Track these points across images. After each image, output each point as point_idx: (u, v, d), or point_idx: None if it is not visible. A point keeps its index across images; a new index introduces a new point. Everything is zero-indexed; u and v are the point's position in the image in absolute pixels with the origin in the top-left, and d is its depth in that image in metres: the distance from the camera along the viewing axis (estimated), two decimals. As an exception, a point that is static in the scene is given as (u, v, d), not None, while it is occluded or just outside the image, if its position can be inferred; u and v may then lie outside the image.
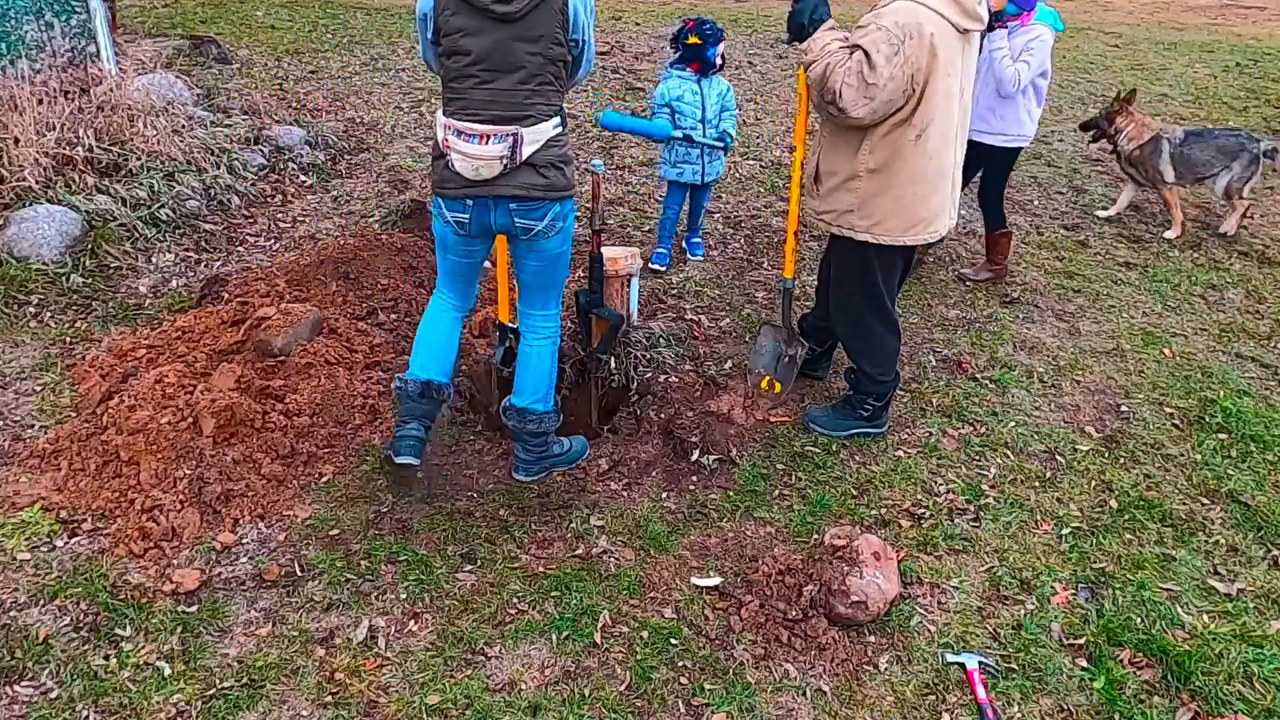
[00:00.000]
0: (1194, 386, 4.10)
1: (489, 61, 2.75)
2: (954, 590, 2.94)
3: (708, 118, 4.59)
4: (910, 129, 3.05)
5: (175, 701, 2.43)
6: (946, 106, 3.06)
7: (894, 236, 3.22)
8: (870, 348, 3.51)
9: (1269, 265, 5.40)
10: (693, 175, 4.70)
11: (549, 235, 2.99)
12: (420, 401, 3.11)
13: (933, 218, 3.24)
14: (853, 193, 3.20)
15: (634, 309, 4.05)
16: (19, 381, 3.64)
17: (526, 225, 2.94)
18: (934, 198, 3.21)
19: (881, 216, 3.19)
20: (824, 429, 3.63)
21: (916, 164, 3.11)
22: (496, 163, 2.79)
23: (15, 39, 5.40)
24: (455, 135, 2.78)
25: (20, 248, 4.28)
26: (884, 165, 3.12)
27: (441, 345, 3.19)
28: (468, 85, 2.78)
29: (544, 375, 3.24)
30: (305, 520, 3.07)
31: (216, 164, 5.28)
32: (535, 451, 3.29)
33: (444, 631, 2.70)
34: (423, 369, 3.15)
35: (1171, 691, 2.62)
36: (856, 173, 3.17)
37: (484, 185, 2.85)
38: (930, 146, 3.09)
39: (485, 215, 2.92)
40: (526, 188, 2.86)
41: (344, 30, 8.93)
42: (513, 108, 2.79)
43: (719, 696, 2.54)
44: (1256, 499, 3.38)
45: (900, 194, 3.15)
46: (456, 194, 2.89)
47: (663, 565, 2.99)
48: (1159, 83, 9.04)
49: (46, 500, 3.03)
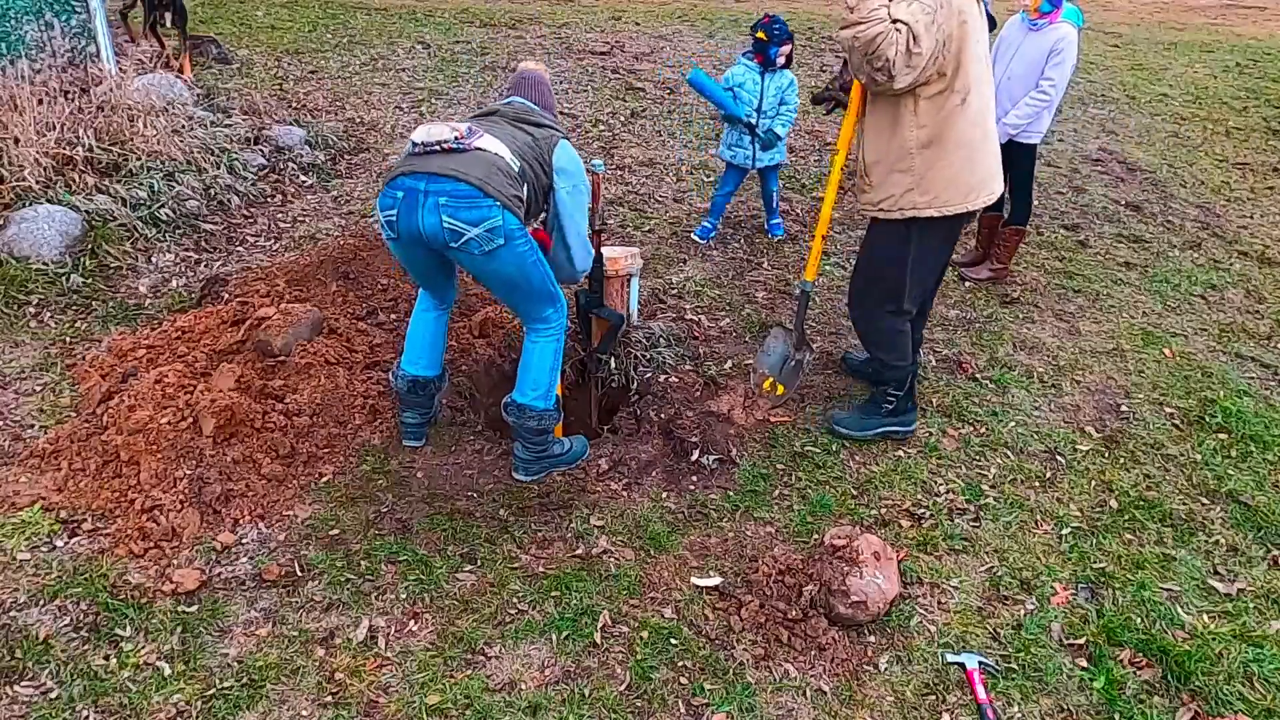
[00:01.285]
0: (1194, 386, 4.10)
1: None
2: (954, 590, 2.94)
3: (763, 109, 4.91)
4: (954, 95, 3.08)
5: (175, 701, 2.43)
6: (980, 70, 3.11)
7: (955, 205, 3.22)
8: (884, 336, 3.50)
9: (1269, 265, 5.40)
10: (744, 159, 5.01)
11: (488, 251, 2.84)
12: (410, 394, 3.35)
13: (988, 178, 3.27)
14: (907, 173, 3.19)
15: (634, 309, 4.05)
16: (19, 381, 3.64)
17: (456, 228, 2.78)
18: (986, 160, 3.24)
19: (940, 188, 3.19)
20: (850, 430, 3.59)
21: (964, 129, 3.14)
22: (447, 130, 2.81)
23: (15, 39, 5.40)
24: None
25: (20, 248, 4.27)
26: (936, 136, 3.13)
27: (426, 342, 3.35)
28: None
29: (545, 372, 3.24)
30: (305, 520, 3.07)
31: (216, 164, 5.27)
32: (535, 450, 3.28)
33: (444, 631, 2.70)
34: (411, 364, 3.35)
35: (1171, 691, 2.62)
36: (908, 151, 3.17)
37: (422, 160, 2.83)
38: (974, 110, 3.13)
39: (412, 213, 2.81)
40: (461, 173, 2.76)
41: (344, 30, 8.93)
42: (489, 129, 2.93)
43: (719, 696, 2.54)
44: (1256, 499, 3.38)
45: (952, 160, 3.16)
46: (392, 175, 2.87)
47: (663, 565, 2.99)
48: (1159, 83, 9.04)
49: (46, 500, 3.03)
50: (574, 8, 10.66)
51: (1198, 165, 6.98)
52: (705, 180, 6.05)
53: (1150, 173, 6.72)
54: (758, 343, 4.19)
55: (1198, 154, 7.24)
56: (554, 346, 3.25)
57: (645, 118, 7.11)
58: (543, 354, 3.23)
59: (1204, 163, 7.05)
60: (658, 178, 6.06)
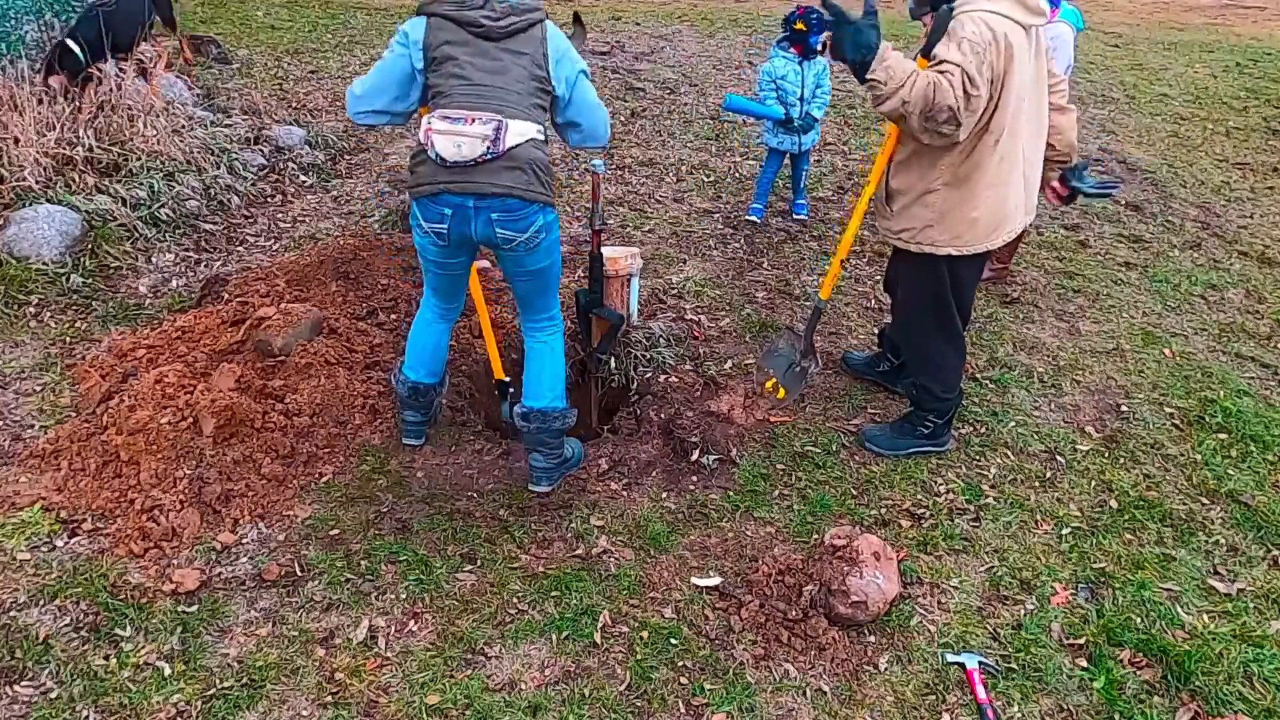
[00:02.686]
0: (1194, 386, 4.10)
1: (476, 64, 2.79)
2: (954, 590, 2.94)
3: (805, 97, 5.14)
4: (989, 135, 2.96)
5: (175, 701, 2.43)
6: (1017, 108, 2.98)
7: (978, 245, 3.13)
8: (934, 364, 3.42)
9: (1269, 265, 5.40)
10: (791, 145, 5.29)
11: (532, 248, 2.93)
12: (410, 398, 3.35)
13: (1011, 215, 3.15)
14: (929, 208, 3.11)
15: (634, 309, 4.05)
16: (19, 381, 3.64)
17: (508, 236, 2.86)
18: (1011, 198, 3.12)
19: (963, 229, 3.10)
20: (881, 449, 3.54)
21: (993, 169, 3.03)
22: (479, 143, 2.72)
23: (15, 39, 5.40)
24: (439, 119, 2.74)
25: (20, 248, 4.27)
26: (964, 177, 3.03)
27: (429, 351, 3.32)
28: (452, 84, 2.78)
29: (560, 371, 3.23)
30: (305, 520, 3.07)
31: (216, 164, 5.27)
32: (554, 458, 3.22)
33: (444, 631, 2.70)
34: (412, 370, 3.33)
35: (1171, 691, 2.62)
36: (931, 188, 3.08)
37: (463, 174, 2.75)
38: (1003, 147, 3.01)
39: (465, 225, 2.84)
40: (507, 188, 2.78)
41: (344, 30, 8.93)
42: (499, 100, 2.78)
43: (719, 696, 2.54)
44: (1256, 499, 3.38)
45: (978, 203, 3.06)
46: (434, 190, 2.79)
47: (663, 565, 2.99)
48: (1159, 83, 9.04)
49: (46, 500, 3.03)
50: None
51: (1198, 165, 6.98)
52: (705, 180, 6.06)
53: (1150, 173, 6.72)
54: (758, 343, 4.20)
55: (1198, 154, 7.24)
56: (560, 341, 3.25)
57: (645, 118, 7.11)
58: (555, 352, 3.22)
59: (1204, 163, 7.05)
60: (658, 178, 6.06)
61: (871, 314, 4.57)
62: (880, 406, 3.85)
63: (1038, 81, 3.09)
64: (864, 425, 3.70)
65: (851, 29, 2.83)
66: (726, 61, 8.74)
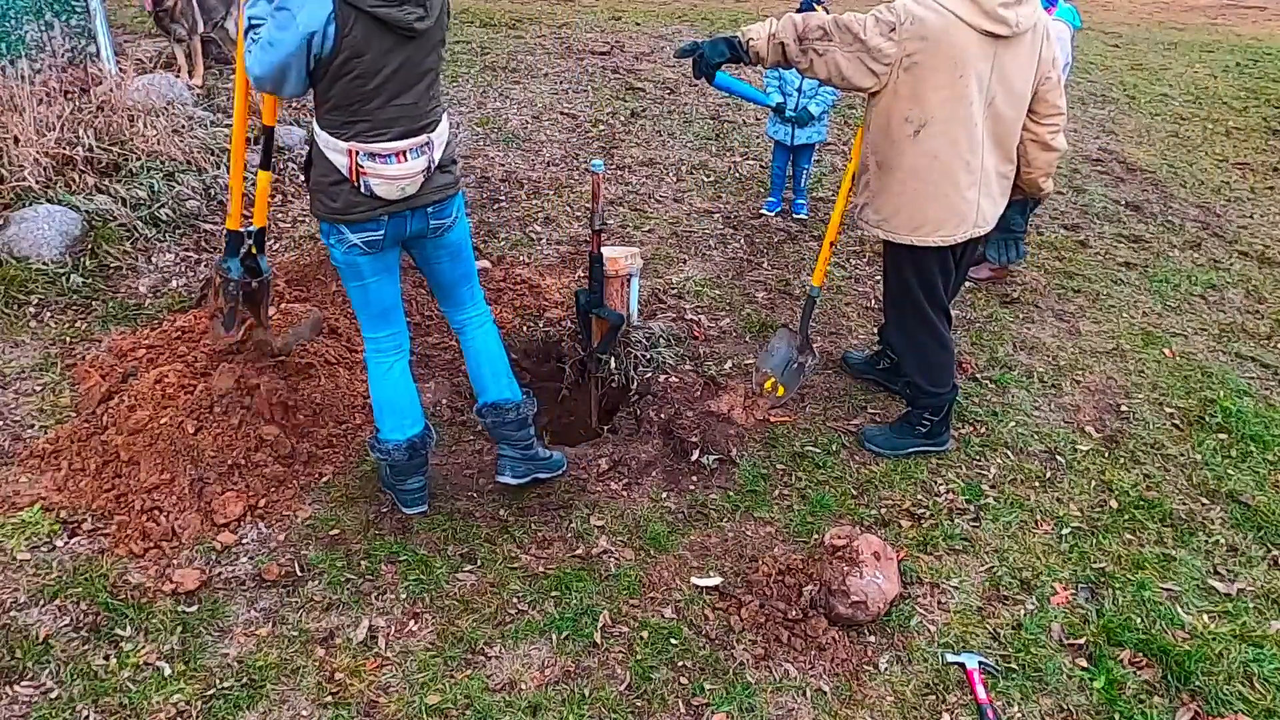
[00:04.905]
0: (1194, 386, 4.10)
1: (396, 79, 2.59)
2: (954, 590, 2.94)
3: (803, 88, 5.17)
4: (907, 125, 3.03)
5: (175, 701, 2.43)
6: (952, 109, 2.98)
7: (902, 235, 3.19)
8: (918, 359, 3.44)
9: (1269, 265, 5.40)
10: (785, 135, 5.33)
11: (453, 226, 2.94)
12: (410, 461, 3.04)
13: (942, 221, 3.14)
14: (866, 188, 3.24)
15: (634, 309, 4.05)
16: (19, 381, 3.64)
17: (439, 224, 2.88)
18: (941, 200, 3.11)
19: (889, 213, 3.19)
20: (880, 449, 3.54)
21: (915, 160, 3.08)
22: (420, 177, 2.70)
23: (15, 39, 5.40)
24: (368, 159, 2.60)
25: (20, 248, 4.27)
26: (884, 160, 3.14)
27: (405, 399, 3.04)
28: (372, 106, 2.58)
29: (501, 359, 3.15)
30: (305, 520, 3.07)
31: (216, 164, 5.27)
32: (522, 448, 3.15)
33: (444, 631, 2.70)
34: (398, 430, 3.01)
35: (1171, 691, 2.62)
36: (866, 164, 3.22)
37: (403, 201, 2.73)
38: (932, 145, 3.03)
39: (401, 226, 2.80)
40: (442, 191, 2.81)
41: (344, 30, 8.92)
42: (420, 117, 2.68)
43: (719, 696, 2.54)
44: (1256, 499, 3.38)
45: (901, 190, 3.13)
46: (369, 216, 2.71)
47: (663, 565, 2.99)
48: (1159, 83, 9.04)
49: (46, 500, 3.03)
50: (574, 8, 10.66)
51: (1198, 165, 6.98)
52: (705, 180, 6.05)
53: (1150, 173, 6.72)
54: (758, 343, 4.20)
55: (1198, 154, 7.24)
56: (495, 330, 3.17)
57: (645, 118, 7.11)
58: (491, 341, 3.13)
59: (1204, 163, 7.05)
60: (658, 178, 6.06)
61: (871, 313, 4.56)
62: (880, 406, 3.85)
63: (1009, 100, 3.08)
64: (864, 425, 3.70)
65: (705, 45, 3.10)
66: (726, 61, 8.73)
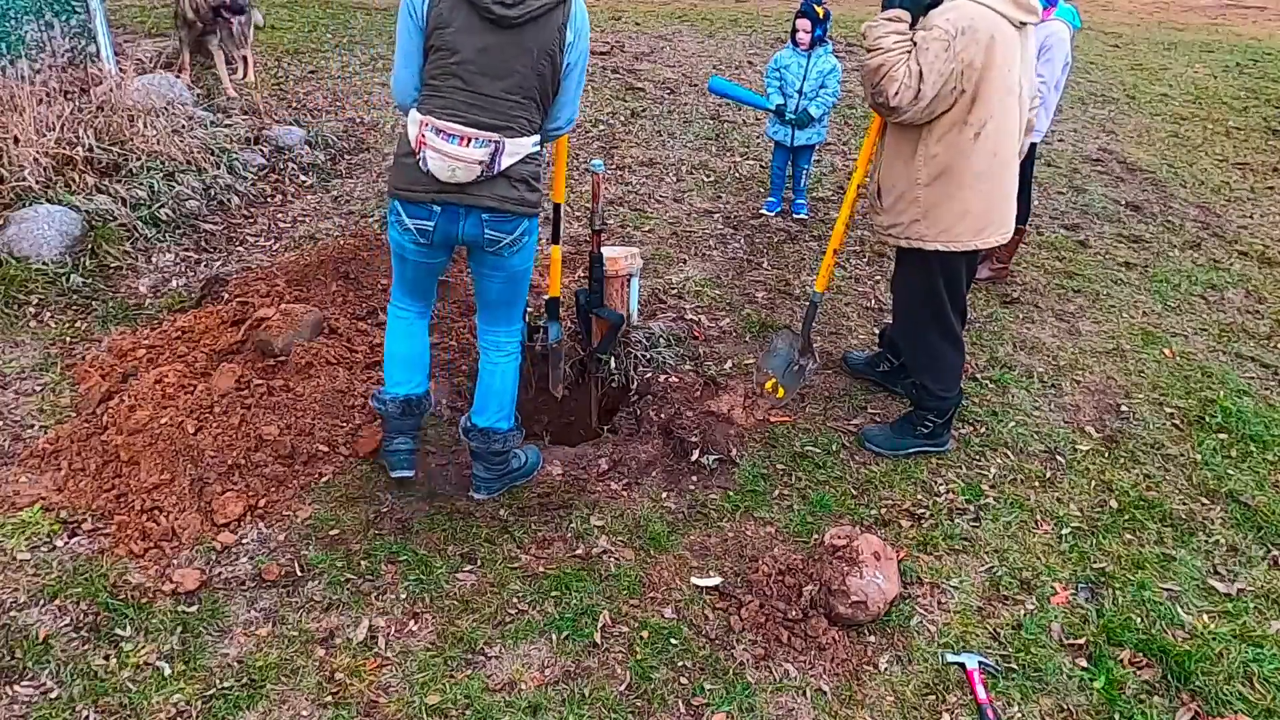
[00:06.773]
0: (1194, 386, 4.10)
1: (478, 64, 2.63)
2: (954, 590, 2.94)
3: (804, 90, 5.20)
4: (968, 128, 3.00)
5: (175, 701, 2.43)
6: (1005, 103, 3.00)
7: (967, 241, 3.14)
8: (932, 363, 3.43)
9: (1269, 265, 5.40)
10: (784, 136, 5.36)
11: (515, 250, 2.88)
12: (403, 419, 3.14)
13: (1005, 216, 3.17)
14: (916, 204, 3.14)
15: (634, 309, 4.05)
16: (19, 381, 3.64)
17: (495, 237, 2.81)
18: (1007, 198, 3.15)
19: (950, 223, 3.12)
20: (880, 448, 3.54)
21: (980, 162, 3.04)
22: (475, 167, 2.66)
23: (15, 39, 5.40)
24: (434, 133, 2.62)
25: (20, 248, 4.27)
26: (946, 169, 3.06)
27: (415, 357, 3.16)
28: (451, 84, 2.65)
29: (508, 393, 3.15)
30: (305, 520, 3.07)
31: (216, 164, 5.27)
32: (496, 470, 3.19)
33: (444, 631, 2.70)
34: (399, 385, 3.13)
35: (1171, 691, 2.62)
36: (916, 182, 3.11)
37: (456, 190, 2.71)
38: (992, 144, 3.03)
39: (453, 224, 2.78)
40: (500, 199, 2.75)
41: (344, 30, 8.93)
42: (497, 115, 2.67)
43: (719, 696, 2.54)
44: (1256, 499, 3.38)
45: (967, 196, 3.08)
46: (423, 198, 2.73)
47: (663, 565, 2.99)
48: (1159, 83, 9.04)
49: (46, 500, 3.03)
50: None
51: (1198, 165, 6.98)
52: (705, 180, 6.06)
53: (1150, 173, 6.72)
54: (758, 343, 4.20)
55: (1198, 154, 7.24)
56: (516, 366, 3.17)
57: (645, 118, 7.11)
58: (506, 375, 3.14)
59: (1204, 163, 7.05)
60: (658, 178, 6.06)
61: (871, 314, 4.57)
62: (880, 406, 3.85)
63: (1029, 88, 3.12)
64: (864, 425, 3.70)
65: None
66: (726, 61, 8.73)
